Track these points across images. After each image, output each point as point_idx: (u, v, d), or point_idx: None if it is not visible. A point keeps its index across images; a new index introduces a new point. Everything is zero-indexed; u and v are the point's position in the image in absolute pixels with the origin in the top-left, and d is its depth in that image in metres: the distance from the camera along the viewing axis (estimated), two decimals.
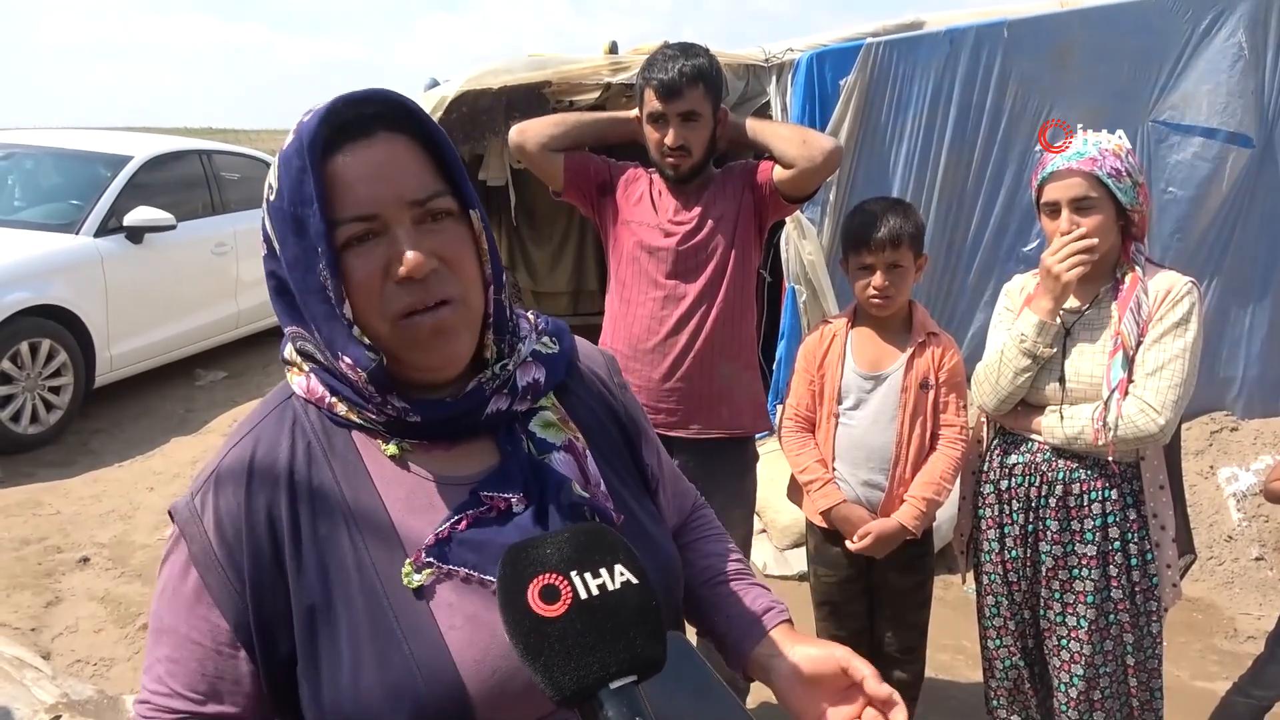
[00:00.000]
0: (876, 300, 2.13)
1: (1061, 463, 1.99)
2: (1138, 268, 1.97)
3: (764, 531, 3.82)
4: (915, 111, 4.06)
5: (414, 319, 0.82)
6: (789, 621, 1.01)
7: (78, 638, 3.19)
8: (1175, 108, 4.09)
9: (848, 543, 2.19)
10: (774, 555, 3.76)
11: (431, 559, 0.83)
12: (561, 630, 0.59)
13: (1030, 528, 2.04)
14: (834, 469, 2.21)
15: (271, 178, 0.84)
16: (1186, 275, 1.96)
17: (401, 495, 0.87)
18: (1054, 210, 1.96)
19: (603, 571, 0.62)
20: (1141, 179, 1.95)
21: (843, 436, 2.20)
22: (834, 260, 3.96)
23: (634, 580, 0.63)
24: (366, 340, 0.83)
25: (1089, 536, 1.97)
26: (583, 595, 0.60)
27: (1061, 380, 1.97)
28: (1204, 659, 3.15)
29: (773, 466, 2.87)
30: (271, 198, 0.84)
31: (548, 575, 0.61)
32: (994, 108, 4.07)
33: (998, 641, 2.14)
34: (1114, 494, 1.96)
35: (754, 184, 2.24)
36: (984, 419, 2.20)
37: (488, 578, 0.83)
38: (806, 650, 0.93)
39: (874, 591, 2.30)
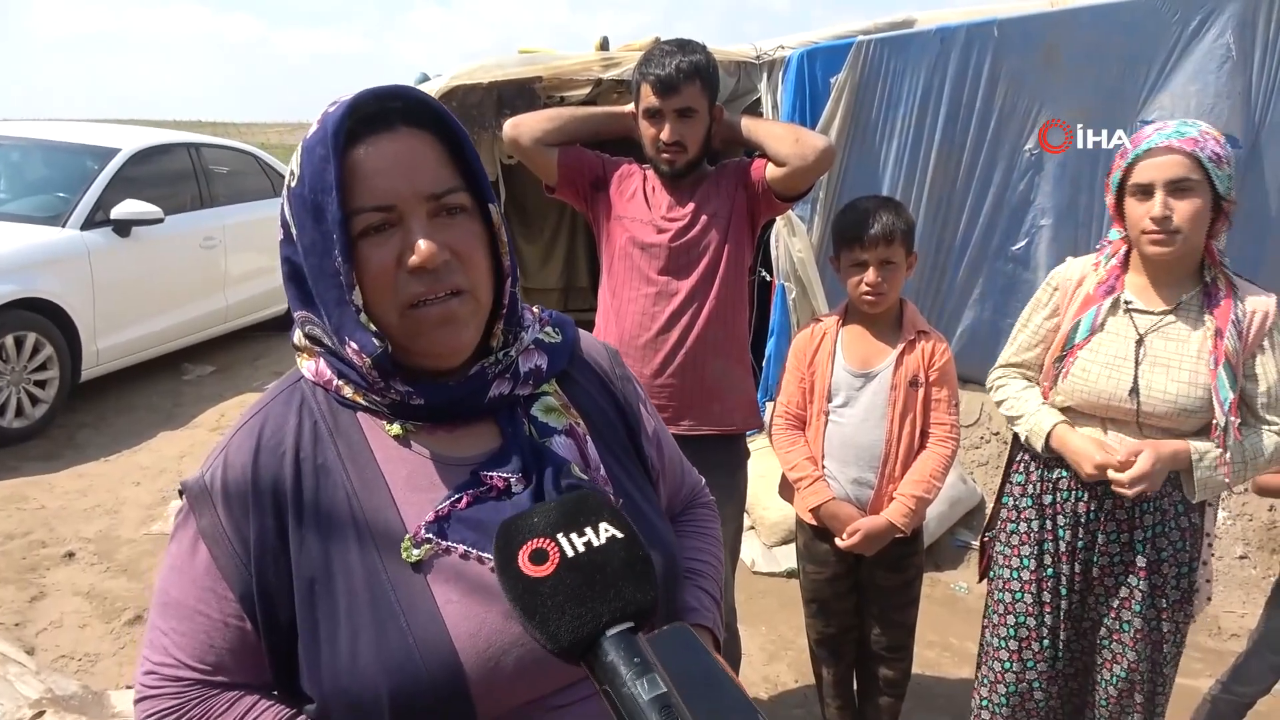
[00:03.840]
0: (869, 297, 2.13)
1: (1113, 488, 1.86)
2: (1229, 272, 1.84)
3: (753, 528, 3.83)
4: (905, 110, 4.08)
5: (423, 308, 0.85)
6: (705, 627, 1.02)
7: (62, 633, 3.17)
8: (1163, 108, 4.11)
9: (837, 540, 2.19)
10: (762, 552, 3.77)
11: (431, 535, 0.85)
12: (552, 587, 0.62)
13: (1080, 543, 1.95)
14: (824, 466, 2.22)
15: (294, 165, 0.87)
16: (1269, 292, 1.85)
17: (403, 474, 0.89)
18: (1145, 192, 1.77)
19: (588, 530, 0.65)
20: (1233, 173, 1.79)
21: (833, 434, 2.21)
22: (824, 258, 3.98)
23: (619, 535, 0.65)
24: (374, 327, 0.85)
25: (1139, 548, 1.91)
26: (569, 554, 0.63)
27: (1135, 392, 1.83)
28: (1188, 656, 3.14)
29: (762, 463, 2.87)
30: (293, 184, 0.87)
31: (536, 540, 0.64)
32: (984, 106, 4.09)
33: (1007, 664, 2.05)
34: (1165, 503, 1.90)
35: (747, 182, 2.24)
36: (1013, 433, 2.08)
37: (486, 555, 0.85)
38: None
39: (862, 589, 2.31)
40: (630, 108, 2.28)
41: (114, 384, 5.65)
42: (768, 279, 4.35)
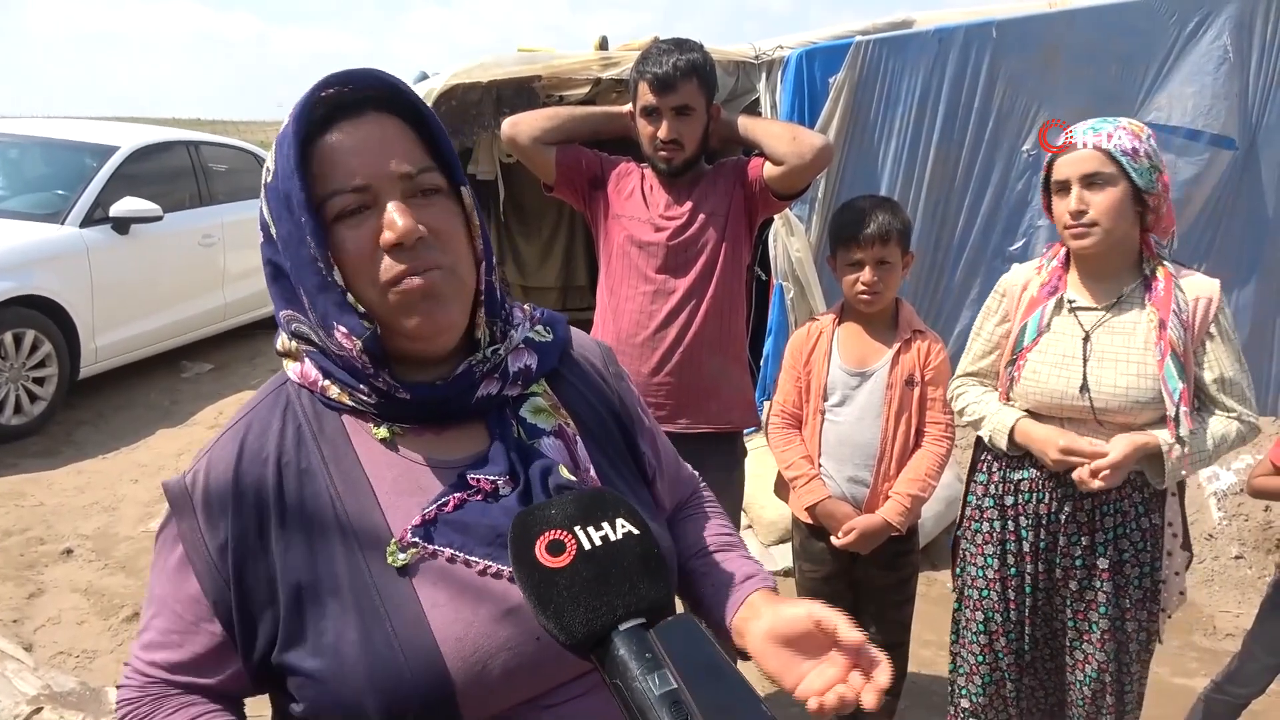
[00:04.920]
0: (865, 296, 2.14)
1: (1073, 477, 1.86)
2: (1167, 264, 1.86)
3: (749, 527, 3.84)
4: (904, 110, 4.08)
5: (405, 282, 0.84)
6: (772, 588, 0.99)
7: (60, 629, 3.18)
8: (1161, 109, 4.13)
9: (833, 539, 2.20)
10: (759, 551, 3.77)
11: (417, 539, 0.84)
12: (568, 578, 0.62)
13: (1042, 544, 1.96)
14: (820, 465, 2.22)
15: (269, 161, 0.87)
16: (1211, 276, 1.88)
17: (389, 477, 0.88)
18: (1063, 188, 1.84)
19: (604, 525, 0.65)
20: (1163, 167, 1.83)
21: (829, 433, 2.21)
22: (822, 257, 3.98)
23: (635, 531, 0.66)
24: (360, 308, 0.84)
25: (1101, 550, 1.92)
26: (586, 546, 0.63)
27: (1085, 389, 1.85)
28: (1183, 656, 3.18)
29: (759, 463, 2.88)
30: (268, 180, 0.86)
31: (553, 531, 0.64)
32: (982, 107, 4.10)
33: (980, 658, 2.08)
34: (1125, 505, 1.91)
35: (745, 180, 2.25)
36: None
37: (473, 559, 0.85)
38: (780, 610, 0.91)
39: (857, 588, 2.31)
40: (628, 107, 2.29)
41: (112, 381, 5.65)
42: (764, 278, 4.35)
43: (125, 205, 5.40)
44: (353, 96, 0.87)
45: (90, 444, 4.94)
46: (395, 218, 0.83)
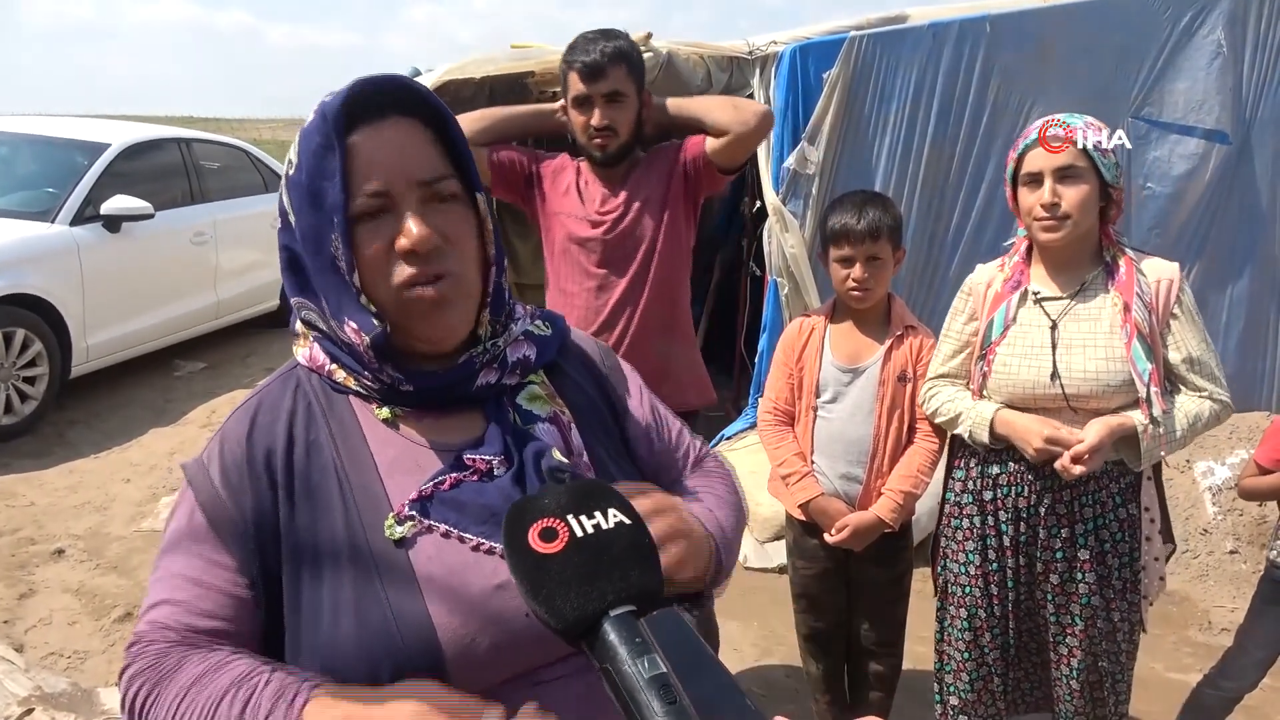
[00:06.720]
0: (855, 293, 2.13)
1: (1051, 469, 1.88)
2: (1128, 251, 1.91)
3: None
4: (898, 105, 4.08)
5: (416, 290, 0.88)
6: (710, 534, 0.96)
7: (51, 630, 3.17)
8: (1155, 104, 4.13)
9: (825, 535, 2.19)
10: (754, 548, 3.77)
11: (414, 513, 0.87)
12: (560, 564, 0.63)
13: (1022, 537, 1.97)
14: (812, 462, 2.22)
15: (292, 153, 0.90)
16: (1169, 260, 1.92)
17: (390, 456, 0.92)
18: (1035, 181, 1.86)
19: (597, 514, 0.67)
20: (1120, 163, 1.89)
21: (821, 429, 2.21)
22: (815, 253, 3.98)
23: (627, 521, 0.67)
24: (373, 308, 0.88)
25: (1081, 541, 1.92)
26: (579, 534, 0.65)
27: (1056, 376, 1.88)
28: (1178, 651, 3.19)
29: (753, 459, 2.88)
30: (291, 172, 0.90)
31: (546, 519, 0.66)
32: (976, 102, 4.09)
33: (965, 654, 2.08)
34: (1103, 495, 1.91)
35: (682, 160, 2.26)
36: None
37: (467, 535, 0.87)
38: None
39: (852, 584, 2.31)
40: (559, 104, 2.29)
41: (104, 380, 5.63)
42: (758, 275, 4.35)
43: (116, 203, 5.37)
44: (376, 99, 0.89)
45: (82, 443, 4.92)
46: (411, 226, 0.86)
